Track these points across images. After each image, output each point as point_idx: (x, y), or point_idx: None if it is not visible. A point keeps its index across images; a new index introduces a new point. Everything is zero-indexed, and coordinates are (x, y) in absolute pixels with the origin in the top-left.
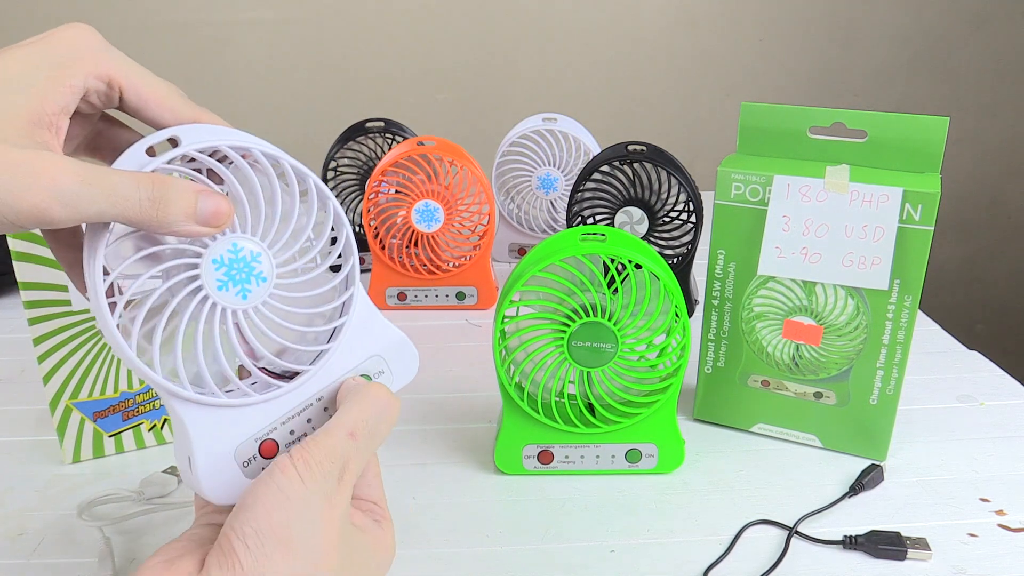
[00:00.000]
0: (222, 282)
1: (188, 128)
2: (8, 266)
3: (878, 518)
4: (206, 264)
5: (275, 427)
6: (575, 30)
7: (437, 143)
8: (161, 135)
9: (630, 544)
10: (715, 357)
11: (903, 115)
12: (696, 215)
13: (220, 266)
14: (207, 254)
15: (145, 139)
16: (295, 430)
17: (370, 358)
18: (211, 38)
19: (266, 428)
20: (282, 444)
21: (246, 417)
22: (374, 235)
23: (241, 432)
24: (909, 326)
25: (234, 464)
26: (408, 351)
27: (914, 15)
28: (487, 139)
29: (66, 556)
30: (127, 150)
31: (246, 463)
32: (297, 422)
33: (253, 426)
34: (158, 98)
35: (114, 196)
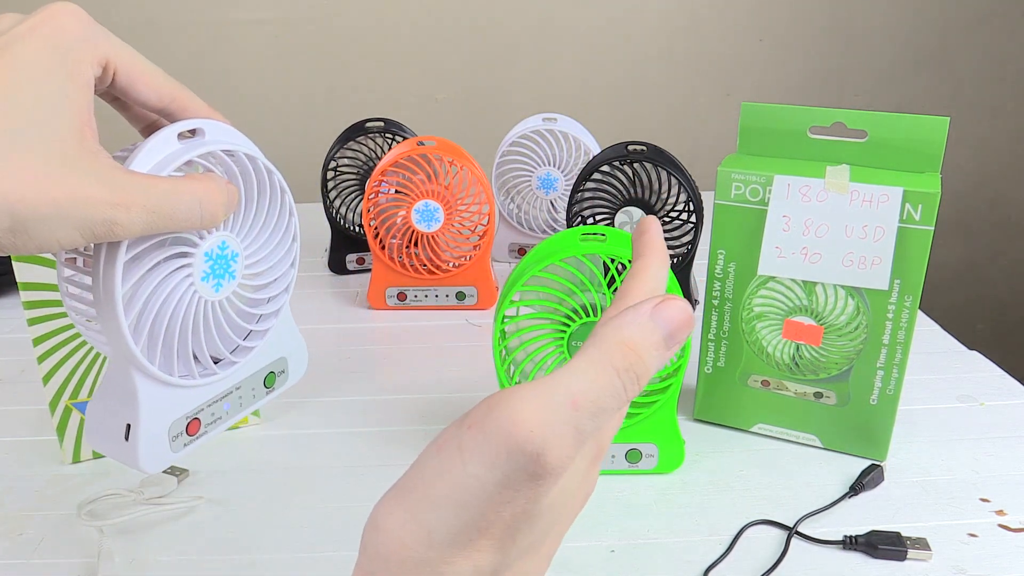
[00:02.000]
0: (205, 274)
1: (209, 123)
2: (8, 266)
3: (878, 518)
4: (199, 255)
5: (202, 408)
6: (575, 30)
7: (437, 143)
8: (186, 125)
9: (630, 544)
10: (715, 357)
11: (903, 115)
12: (696, 215)
13: (208, 259)
14: (202, 245)
15: (174, 126)
16: (215, 412)
17: (279, 358)
18: (211, 38)
19: (196, 409)
20: (203, 423)
21: (184, 397)
22: (374, 235)
23: (177, 410)
24: (909, 326)
25: (165, 438)
26: (303, 355)
27: (914, 15)
28: (487, 139)
29: (66, 556)
30: (158, 135)
31: (174, 438)
32: (217, 406)
33: (187, 406)
34: (146, 78)
35: (175, 221)
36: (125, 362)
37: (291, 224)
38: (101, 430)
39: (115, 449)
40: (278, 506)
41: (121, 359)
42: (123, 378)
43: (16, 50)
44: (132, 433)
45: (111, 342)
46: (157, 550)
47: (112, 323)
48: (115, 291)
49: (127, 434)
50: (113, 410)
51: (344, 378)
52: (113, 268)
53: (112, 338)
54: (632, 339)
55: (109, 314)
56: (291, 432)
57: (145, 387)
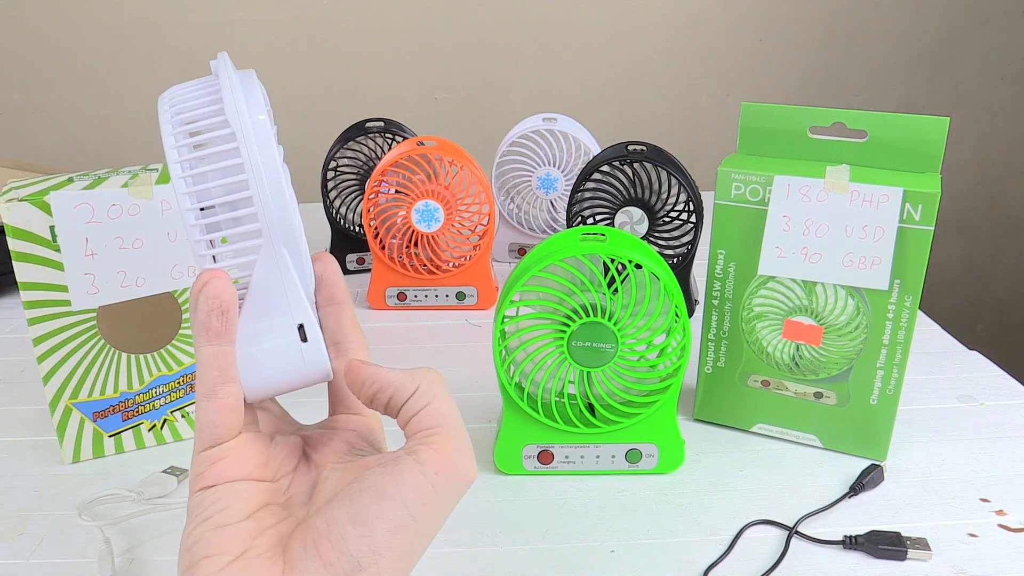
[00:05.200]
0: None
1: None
2: (8, 266)
3: (878, 518)
4: None
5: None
6: (575, 30)
7: (437, 143)
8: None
9: (630, 544)
10: (715, 357)
11: (903, 115)
12: (696, 215)
13: None
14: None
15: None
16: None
17: None
18: (211, 38)
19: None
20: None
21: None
22: (374, 235)
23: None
24: (909, 326)
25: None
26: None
27: (914, 15)
28: (487, 139)
29: (66, 556)
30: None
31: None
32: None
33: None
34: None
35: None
36: (284, 264)
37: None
38: (266, 357)
39: (293, 363)
40: None
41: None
42: (280, 282)
43: None
44: (310, 330)
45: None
46: (157, 550)
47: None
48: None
49: (303, 335)
50: (274, 324)
51: None
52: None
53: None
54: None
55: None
56: None
57: (300, 280)
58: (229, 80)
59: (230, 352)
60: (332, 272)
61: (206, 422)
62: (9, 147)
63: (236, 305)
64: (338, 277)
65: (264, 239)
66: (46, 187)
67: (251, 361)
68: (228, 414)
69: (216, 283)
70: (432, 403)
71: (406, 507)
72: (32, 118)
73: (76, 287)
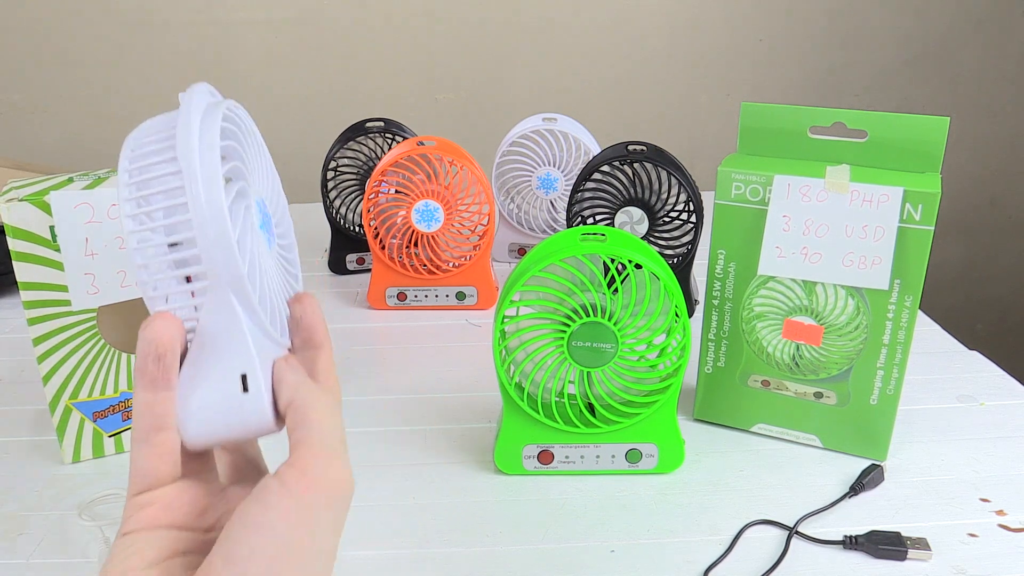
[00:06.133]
0: (261, 222)
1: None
2: (8, 266)
3: (878, 518)
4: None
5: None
6: (575, 30)
7: (437, 143)
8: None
9: (630, 544)
10: (715, 357)
11: (903, 115)
12: (696, 215)
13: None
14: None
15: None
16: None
17: None
18: (212, 38)
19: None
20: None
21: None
22: (374, 235)
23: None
24: (909, 326)
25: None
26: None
27: (915, 16)
28: (487, 139)
29: (66, 556)
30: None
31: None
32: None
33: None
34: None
35: None
36: (230, 308)
37: (277, 178)
38: (206, 405)
39: (233, 413)
40: None
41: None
42: (226, 328)
43: None
44: (252, 380)
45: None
46: None
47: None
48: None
49: (245, 384)
50: (217, 371)
51: (344, 378)
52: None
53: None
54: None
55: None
56: None
57: (252, 331)
58: (187, 115)
59: (166, 399)
60: (311, 314)
61: (137, 467)
62: (9, 147)
63: (176, 349)
64: (317, 319)
65: (209, 282)
66: (46, 187)
67: (190, 408)
68: (159, 461)
69: (155, 325)
70: (298, 413)
71: (278, 536)
72: (32, 118)
73: (76, 287)
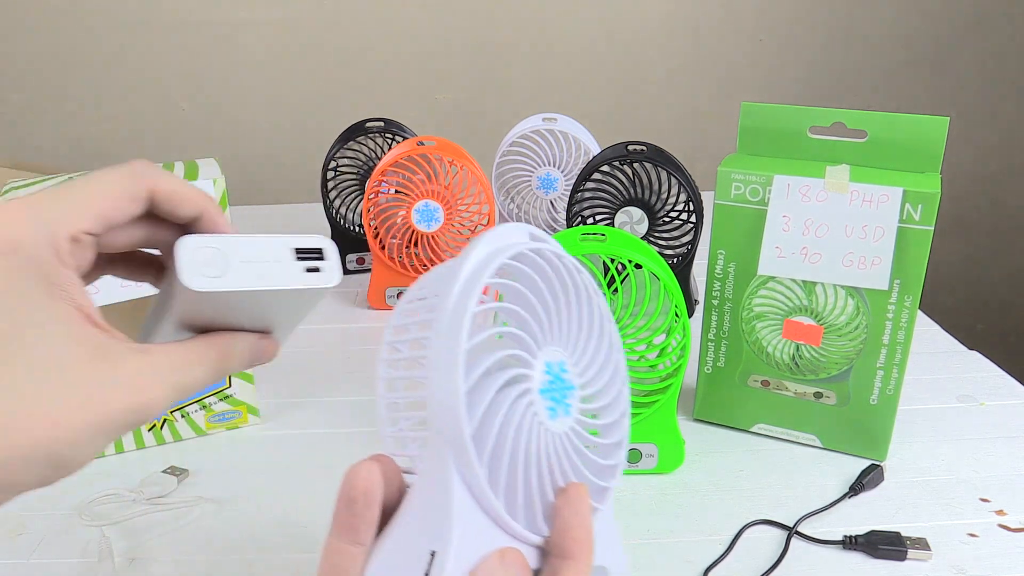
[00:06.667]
0: (544, 390)
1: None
2: None
3: (878, 518)
4: (538, 368)
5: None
6: (575, 30)
7: (437, 143)
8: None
9: (630, 544)
10: (715, 357)
11: (903, 115)
12: (696, 215)
13: (549, 372)
14: (540, 356)
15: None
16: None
17: (597, 566)
18: (212, 38)
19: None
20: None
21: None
22: (374, 235)
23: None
24: (909, 326)
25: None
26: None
27: (914, 15)
28: (487, 139)
29: (66, 556)
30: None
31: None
32: None
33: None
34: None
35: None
36: (444, 471)
37: (608, 332)
38: (385, 569)
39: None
40: (278, 506)
41: (441, 466)
42: (436, 492)
43: None
44: (436, 565)
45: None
46: (157, 550)
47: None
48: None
49: (429, 566)
50: (411, 537)
51: (344, 378)
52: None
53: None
54: None
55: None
56: (291, 432)
57: (465, 505)
58: (457, 268)
59: (349, 553)
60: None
61: None
62: (9, 147)
63: (371, 500)
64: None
65: (431, 433)
66: (46, 187)
67: (370, 567)
68: None
69: (356, 467)
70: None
71: None
72: (32, 118)
73: None
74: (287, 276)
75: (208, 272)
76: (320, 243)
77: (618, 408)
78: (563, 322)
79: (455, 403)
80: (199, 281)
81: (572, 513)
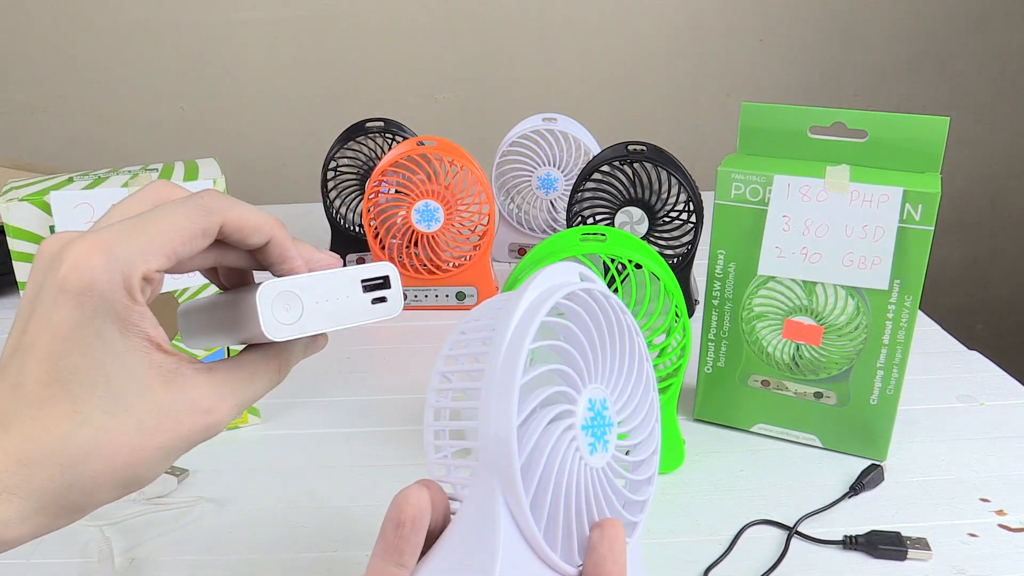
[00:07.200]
0: (585, 427)
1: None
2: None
3: (878, 518)
4: (581, 405)
5: None
6: (575, 30)
7: (437, 143)
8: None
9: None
10: (715, 357)
11: (903, 115)
12: (696, 215)
13: (591, 409)
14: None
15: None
16: None
17: None
18: (211, 38)
19: None
20: None
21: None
22: (374, 235)
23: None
24: (909, 326)
25: None
26: None
27: (914, 15)
28: (487, 139)
29: (66, 556)
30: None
31: None
32: None
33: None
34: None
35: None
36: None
37: (646, 371)
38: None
39: None
40: (278, 506)
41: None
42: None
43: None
44: None
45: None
46: (157, 550)
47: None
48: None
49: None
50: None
51: (344, 378)
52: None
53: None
54: None
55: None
56: (291, 432)
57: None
58: (512, 309)
59: (392, 574)
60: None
61: None
62: (9, 147)
63: (419, 523)
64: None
65: (480, 463)
66: (46, 187)
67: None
68: None
69: (406, 491)
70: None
71: None
72: (32, 118)
73: None
74: (357, 312)
75: (286, 319)
76: (384, 271)
77: (651, 445)
78: (606, 361)
79: (507, 436)
80: (278, 330)
81: (608, 548)
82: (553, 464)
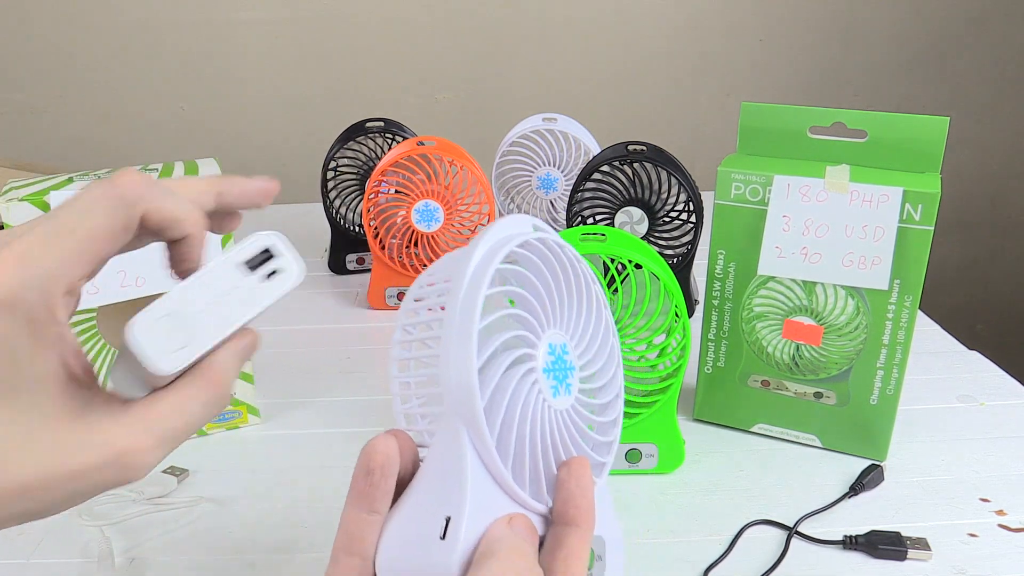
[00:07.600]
0: (547, 370)
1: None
2: None
3: (878, 518)
4: (541, 348)
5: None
6: (575, 30)
7: (437, 143)
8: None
9: (630, 544)
10: (715, 357)
11: (903, 115)
12: (696, 215)
13: (552, 354)
14: (544, 337)
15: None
16: None
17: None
18: (211, 38)
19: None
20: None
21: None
22: (374, 235)
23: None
24: (909, 326)
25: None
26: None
27: (914, 15)
28: (487, 139)
29: (66, 556)
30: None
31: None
32: None
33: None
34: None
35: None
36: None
37: (604, 317)
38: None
39: (420, 556)
40: (278, 506)
41: (455, 440)
42: (450, 464)
43: None
44: (452, 529)
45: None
46: (157, 550)
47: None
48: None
49: (444, 530)
50: (428, 507)
51: (344, 378)
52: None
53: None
54: None
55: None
56: (291, 432)
57: (478, 475)
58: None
59: (366, 522)
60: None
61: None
62: (9, 147)
63: (388, 470)
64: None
65: (444, 409)
66: (46, 187)
67: (385, 534)
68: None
69: (374, 441)
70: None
71: None
72: (32, 118)
73: None
74: (253, 299)
75: (172, 346)
76: (263, 243)
77: (613, 388)
78: (564, 307)
79: (469, 379)
80: (171, 362)
81: (575, 484)
82: (516, 405)
